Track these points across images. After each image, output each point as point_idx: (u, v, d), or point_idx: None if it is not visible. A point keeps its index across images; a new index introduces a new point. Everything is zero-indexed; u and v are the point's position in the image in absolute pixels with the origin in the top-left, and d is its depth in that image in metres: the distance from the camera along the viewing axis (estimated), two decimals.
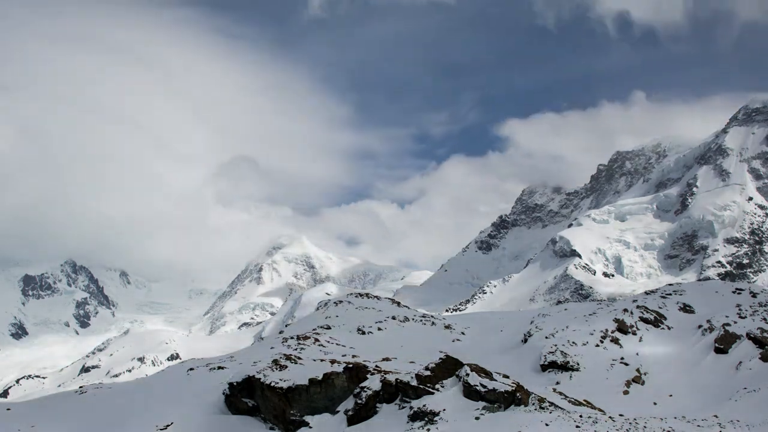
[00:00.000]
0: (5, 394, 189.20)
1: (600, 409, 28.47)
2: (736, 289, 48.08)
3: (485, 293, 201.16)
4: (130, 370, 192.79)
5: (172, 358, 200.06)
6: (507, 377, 27.73)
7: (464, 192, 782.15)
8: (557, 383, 33.65)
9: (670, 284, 58.02)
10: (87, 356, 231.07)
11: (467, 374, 26.93)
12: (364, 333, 46.76)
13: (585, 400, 30.10)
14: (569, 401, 29.32)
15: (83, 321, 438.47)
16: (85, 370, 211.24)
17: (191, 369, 39.56)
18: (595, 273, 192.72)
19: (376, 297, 62.82)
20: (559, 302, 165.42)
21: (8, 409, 32.42)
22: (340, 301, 58.06)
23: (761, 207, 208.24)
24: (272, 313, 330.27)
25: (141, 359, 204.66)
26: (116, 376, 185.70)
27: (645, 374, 34.79)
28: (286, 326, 68.82)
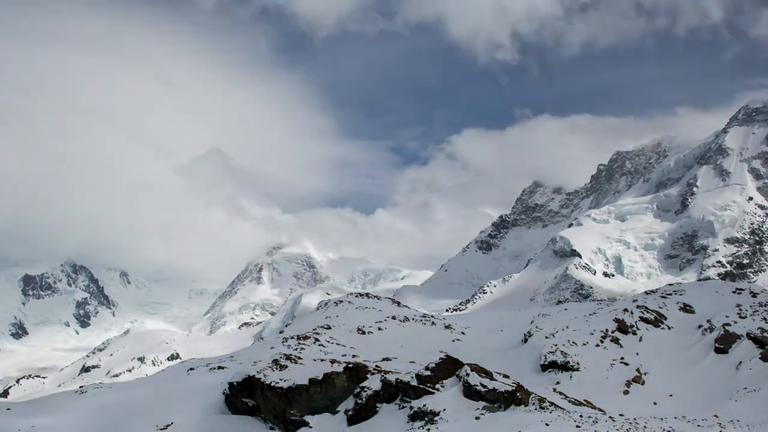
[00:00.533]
0: (5, 394, 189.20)
1: (600, 409, 28.48)
2: (737, 289, 48.09)
3: (485, 293, 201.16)
4: (130, 370, 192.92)
5: (172, 358, 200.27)
6: (507, 377, 27.73)
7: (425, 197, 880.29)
8: (557, 383, 33.64)
9: (670, 284, 58.02)
10: (87, 356, 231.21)
11: (467, 374, 26.93)
12: (364, 333, 46.79)
13: (585, 400, 30.10)
14: (569, 401, 29.32)
15: (83, 321, 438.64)
16: (85, 370, 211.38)
17: (191, 369, 39.58)
18: (595, 273, 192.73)
19: (376, 297, 62.88)
20: (559, 302, 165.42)
21: (8, 409, 32.38)
22: (340, 301, 58.11)
23: (761, 207, 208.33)
24: (272, 313, 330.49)
25: (141, 359, 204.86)
26: (116, 376, 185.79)
27: (645, 374, 34.79)
28: (286, 326, 68.90)
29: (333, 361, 32.44)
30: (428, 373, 28.21)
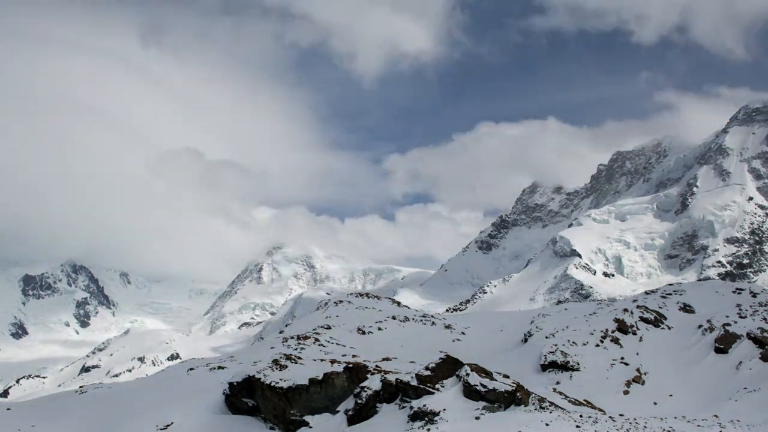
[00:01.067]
0: (5, 394, 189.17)
1: (600, 409, 28.50)
2: (737, 288, 48.09)
3: (485, 293, 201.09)
4: (130, 370, 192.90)
5: (172, 358, 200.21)
6: (507, 377, 27.75)
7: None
8: (557, 383, 33.66)
9: (670, 284, 58.02)
10: (87, 356, 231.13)
11: (467, 374, 26.95)
12: (364, 333, 46.79)
13: (585, 400, 30.13)
14: (569, 401, 29.34)
15: (83, 321, 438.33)
16: (85, 370, 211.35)
17: (191, 369, 39.63)
18: (595, 273, 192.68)
19: (376, 297, 62.89)
20: (559, 302, 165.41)
21: (8, 409, 32.43)
22: (340, 301, 58.11)
23: (761, 207, 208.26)
24: (272, 313, 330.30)
25: (141, 359, 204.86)
26: (116, 376, 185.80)
27: (645, 374, 34.80)
28: (286, 326, 68.84)
29: (333, 361, 32.45)
30: (428, 373, 28.23)
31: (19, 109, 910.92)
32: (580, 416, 24.38)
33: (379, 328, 48.36)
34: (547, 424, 22.97)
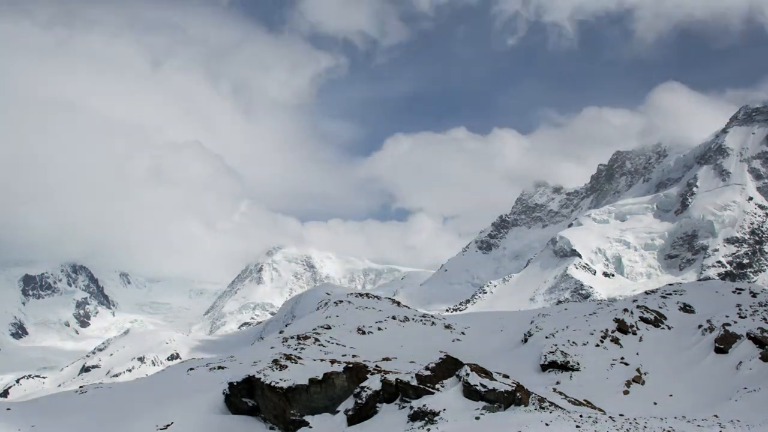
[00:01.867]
0: (5, 394, 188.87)
1: (600, 409, 28.50)
2: (736, 288, 48.10)
3: (485, 293, 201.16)
4: (130, 370, 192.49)
5: (172, 358, 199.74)
6: (507, 377, 27.75)
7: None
8: (557, 383, 33.66)
9: (670, 284, 58.04)
10: (87, 356, 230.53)
11: (467, 374, 26.95)
12: (364, 333, 46.79)
13: (585, 400, 30.12)
14: (569, 401, 29.34)
15: (83, 321, 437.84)
16: (85, 370, 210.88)
17: (191, 369, 39.62)
18: (595, 273, 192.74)
19: (376, 297, 62.90)
20: (559, 302, 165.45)
21: (8, 409, 32.43)
22: (340, 301, 58.10)
23: (761, 207, 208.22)
24: (272, 313, 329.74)
25: (141, 359, 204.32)
26: (116, 376, 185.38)
27: (645, 374, 34.80)
28: (286, 326, 68.75)
29: (333, 361, 32.44)
30: (428, 373, 28.24)
31: (18, 110, 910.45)
32: (580, 416, 24.37)
33: (379, 328, 48.36)
34: (547, 424, 22.96)
